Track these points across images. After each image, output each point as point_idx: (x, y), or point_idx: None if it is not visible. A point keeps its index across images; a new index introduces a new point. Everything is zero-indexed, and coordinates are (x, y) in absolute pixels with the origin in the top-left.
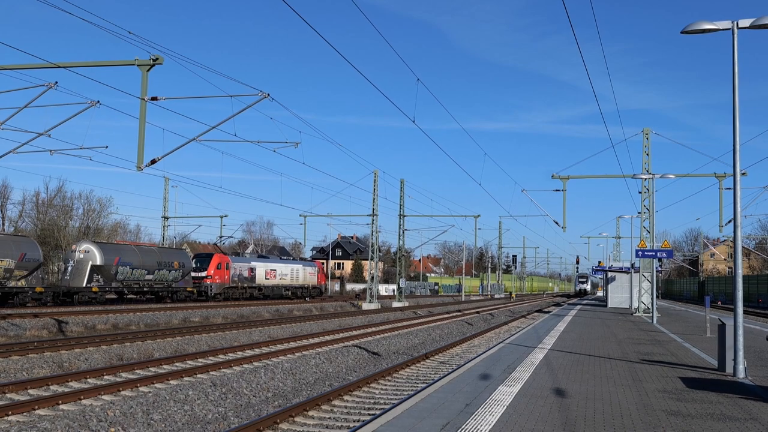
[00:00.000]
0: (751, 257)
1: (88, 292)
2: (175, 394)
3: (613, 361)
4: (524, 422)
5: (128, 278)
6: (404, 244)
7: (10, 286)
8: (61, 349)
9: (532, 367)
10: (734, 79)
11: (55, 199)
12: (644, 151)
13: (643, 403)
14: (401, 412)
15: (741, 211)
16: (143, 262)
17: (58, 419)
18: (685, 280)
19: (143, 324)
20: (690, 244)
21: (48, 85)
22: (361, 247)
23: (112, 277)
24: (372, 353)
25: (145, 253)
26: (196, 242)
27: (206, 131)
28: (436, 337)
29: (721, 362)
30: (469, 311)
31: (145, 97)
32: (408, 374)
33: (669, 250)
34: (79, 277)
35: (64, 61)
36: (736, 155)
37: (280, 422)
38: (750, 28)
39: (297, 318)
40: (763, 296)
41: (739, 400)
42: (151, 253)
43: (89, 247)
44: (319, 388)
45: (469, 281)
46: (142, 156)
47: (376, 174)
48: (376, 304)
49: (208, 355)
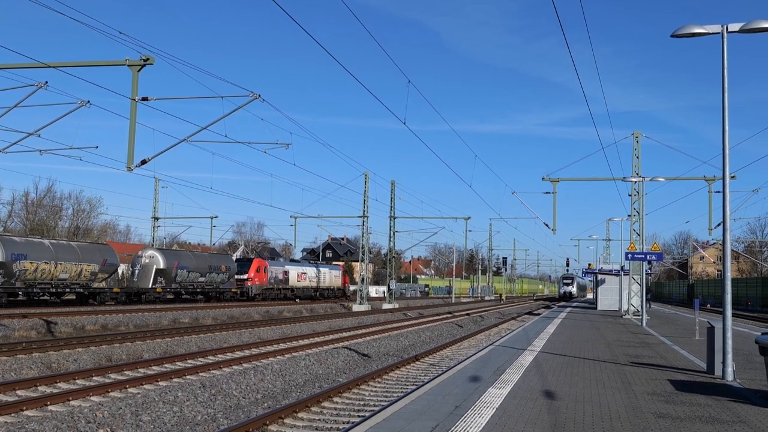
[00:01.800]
0: (740, 260)
1: (153, 292)
2: (164, 395)
3: (603, 363)
4: (513, 424)
5: (185, 280)
6: (395, 245)
7: (94, 286)
8: (49, 349)
9: (521, 369)
10: (724, 83)
11: (44, 199)
12: (634, 154)
13: (632, 405)
14: (391, 414)
15: (730, 215)
16: (197, 266)
17: (46, 420)
18: (675, 283)
19: (132, 325)
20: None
21: (38, 84)
22: (351, 249)
23: (172, 279)
24: (362, 355)
25: (198, 258)
26: (186, 243)
27: (197, 132)
28: (426, 339)
29: (710, 365)
30: (459, 313)
31: (136, 97)
32: (398, 376)
33: (658, 253)
34: (146, 279)
35: (54, 61)
36: (725, 159)
37: (270, 424)
38: (740, 32)
39: (287, 319)
40: (752, 299)
41: (727, 402)
42: (203, 258)
43: (154, 253)
44: (309, 389)
45: (460, 283)
46: (133, 156)
47: (366, 176)
48: (367, 305)
49: (197, 356)
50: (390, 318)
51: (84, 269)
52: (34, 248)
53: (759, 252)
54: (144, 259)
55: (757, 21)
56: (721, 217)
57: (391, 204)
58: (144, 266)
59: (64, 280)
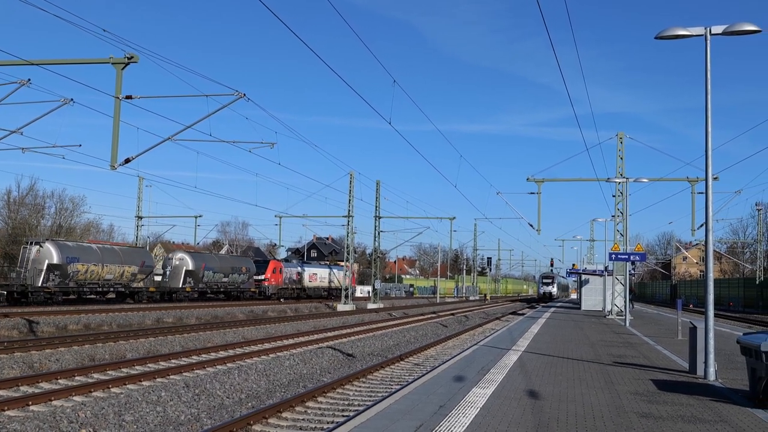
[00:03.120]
0: (723, 261)
1: (183, 291)
2: (147, 395)
3: (586, 363)
4: (497, 424)
5: (210, 281)
6: (380, 245)
7: (133, 286)
8: (31, 349)
9: (506, 369)
10: (707, 85)
11: (26, 197)
12: (618, 155)
13: (615, 405)
14: (375, 414)
15: (713, 215)
16: (221, 267)
17: (28, 420)
18: (658, 283)
19: (115, 324)
20: (663, 248)
21: (21, 82)
22: (336, 249)
23: (200, 280)
24: (346, 355)
25: (222, 260)
26: (170, 242)
27: (181, 131)
28: (411, 339)
29: (692, 365)
30: (444, 313)
31: (120, 95)
32: (382, 376)
33: (642, 254)
34: (176, 279)
35: (37, 59)
36: (708, 160)
37: (254, 424)
38: (723, 34)
39: (271, 319)
40: (734, 300)
41: (709, 402)
42: (226, 260)
43: (184, 255)
44: (293, 389)
45: (444, 283)
46: (116, 155)
47: (351, 175)
48: (351, 305)
49: (181, 356)
50: (375, 318)
51: (126, 270)
52: (84, 252)
53: (741, 253)
54: (174, 261)
55: (739, 23)
56: (704, 218)
57: (377, 204)
58: (174, 268)
59: (109, 280)
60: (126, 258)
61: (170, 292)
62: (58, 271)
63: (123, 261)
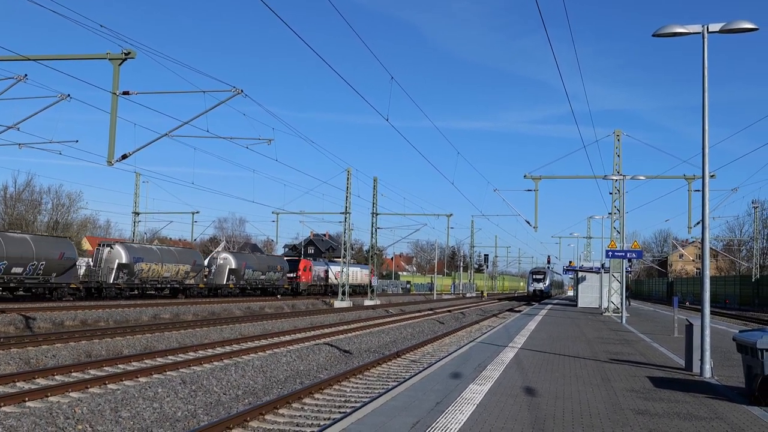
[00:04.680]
0: (719, 258)
1: (227, 287)
2: (144, 391)
3: (583, 360)
4: (494, 421)
5: (250, 278)
6: (377, 242)
7: (186, 283)
8: (28, 345)
9: (502, 365)
10: (704, 82)
11: (23, 193)
12: (615, 153)
13: (612, 402)
14: (372, 410)
15: (709, 213)
16: (259, 266)
17: (24, 416)
18: (654, 281)
19: (112, 321)
20: (659, 245)
21: (17, 77)
22: (333, 245)
23: (241, 277)
24: (343, 351)
25: (260, 259)
26: (167, 238)
27: (178, 126)
28: (408, 336)
29: (688, 362)
30: (441, 310)
31: (117, 91)
32: (379, 372)
33: (638, 251)
34: (221, 277)
35: (34, 54)
36: (705, 158)
37: (251, 420)
38: (720, 32)
39: (268, 315)
40: (731, 297)
41: (705, 399)
42: (264, 260)
43: (227, 255)
44: (290, 385)
45: (441, 280)
46: (113, 151)
47: (349, 172)
48: (348, 302)
49: (178, 352)
50: (372, 314)
51: (180, 269)
52: (146, 252)
53: (737, 251)
54: (219, 260)
55: (737, 21)
56: (701, 216)
57: (374, 200)
58: (219, 266)
59: (167, 277)
60: (180, 257)
61: (215, 288)
62: (126, 270)
63: (178, 260)
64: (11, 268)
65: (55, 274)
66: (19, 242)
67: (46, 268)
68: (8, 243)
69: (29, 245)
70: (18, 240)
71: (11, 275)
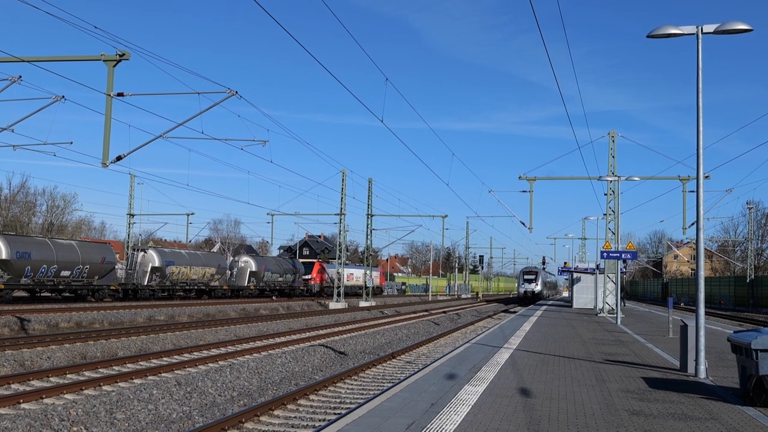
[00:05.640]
0: (714, 259)
1: (248, 289)
2: (139, 393)
3: (578, 361)
4: (489, 422)
5: (269, 280)
6: (372, 243)
7: (211, 285)
8: (23, 347)
9: (497, 367)
10: (698, 83)
11: (18, 195)
12: (610, 154)
13: (607, 402)
14: (367, 412)
15: (704, 214)
16: (277, 268)
17: (19, 418)
18: (649, 282)
19: (107, 322)
20: (654, 246)
21: (12, 79)
22: (328, 246)
23: (261, 279)
24: (338, 352)
25: (278, 262)
26: (162, 240)
27: (173, 128)
28: (403, 337)
29: (683, 363)
30: (436, 311)
31: (111, 92)
32: (374, 374)
33: (633, 252)
34: (242, 279)
35: (28, 55)
36: (699, 159)
37: (246, 421)
38: (714, 33)
39: (263, 317)
40: (725, 298)
41: (700, 400)
42: (281, 263)
43: (248, 258)
44: (285, 387)
45: (436, 281)
46: (108, 152)
47: (344, 173)
48: (343, 303)
49: (173, 353)
50: (367, 316)
51: (206, 271)
52: (177, 256)
53: (732, 251)
54: (240, 264)
55: (731, 23)
56: (695, 217)
57: (369, 202)
58: (240, 269)
59: (194, 280)
60: (206, 261)
61: (237, 290)
62: (158, 273)
63: (204, 264)
64: (60, 271)
65: (97, 277)
66: (67, 248)
67: (89, 272)
68: (58, 249)
69: (75, 250)
70: (66, 246)
71: (60, 278)
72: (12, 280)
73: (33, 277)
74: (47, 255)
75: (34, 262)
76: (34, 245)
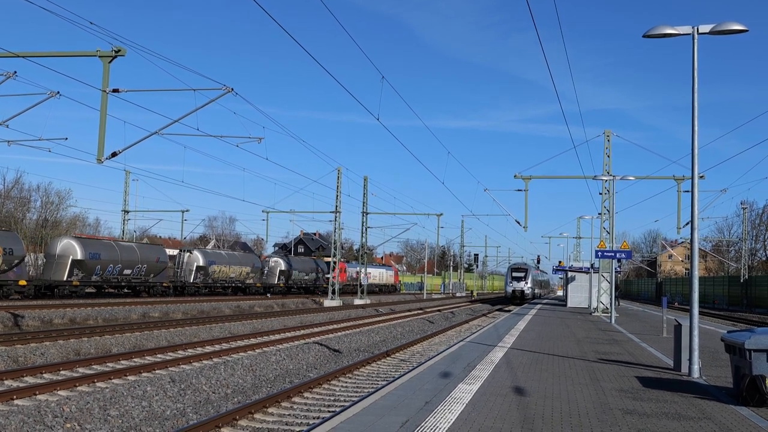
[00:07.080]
0: (708, 259)
1: (278, 287)
2: (132, 389)
3: (572, 360)
4: (483, 420)
5: (297, 278)
6: (367, 241)
7: (247, 283)
8: (16, 343)
9: (491, 365)
10: (694, 83)
11: (12, 190)
12: (605, 153)
13: (600, 401)
14: (361, 410)
15: (698, 214)
16: (304, 267)
17: (12, 414)
18: (643, 281)
19: (101, 319)
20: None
21: (6, 74)
22: (323, 244)
23: (289, 277)
24: (333, 350)
25: (305, 262)
26: (156, 237)
27: (168, 125)
28: (398, 335)
29: (676, 362)
30: (431, 309)
31: (107, 88)
32: (369, 371)
33: (628, 251)
34: (273, 277)
35: (23, 51)
36: (694, 158)
37: (240, 419)
38: (710, 33)
39: (258, 314)
40: (719, 297)
41: (693, 399)
42: (307, 262)
43: (278, 258)
44: (279, 384)
45: (431, 279)
46: (103, 148)
47: (339, 171)
48: (338, 301)
49: (167, 350)
50: (361, 313)
51: (243, 270)
52: (217, 256)
53: (726, 251)
54: (271, 263)
55: (727, 23)
56: (690, 217)
57: (364, 200)
58: (270, 268)
59: (232, 278)
60: (243, 261)
61: (269, 287)
62: (202, 271)
63: (241, 263)
64: (123, 270)
65: (153, 275)
66: (128, 249)
67: (147, 270)
68: (121, 250)
69: (135, 251)
70: (128, 247)
71: (123, 276)
72: (85, 278)
73: (102, 275)
74: (113, 255)
75: (103, 262)
76: (102, 247)
